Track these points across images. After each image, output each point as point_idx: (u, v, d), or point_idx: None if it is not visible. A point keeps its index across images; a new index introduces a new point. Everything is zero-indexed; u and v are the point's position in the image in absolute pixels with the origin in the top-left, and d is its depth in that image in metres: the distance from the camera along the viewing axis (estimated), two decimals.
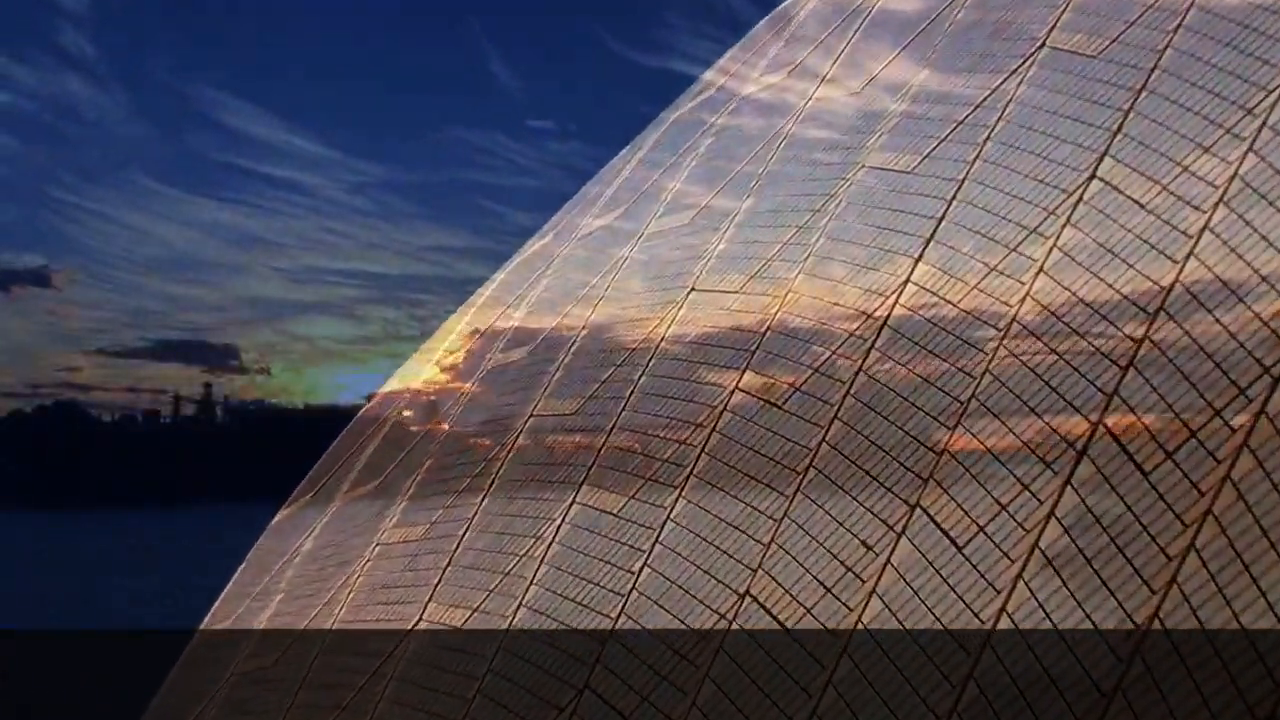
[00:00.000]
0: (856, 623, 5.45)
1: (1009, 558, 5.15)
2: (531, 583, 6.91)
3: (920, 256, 6.37)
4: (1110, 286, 5.55)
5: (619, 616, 6.32)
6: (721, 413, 6.75)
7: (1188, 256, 5.39)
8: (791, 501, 6.03)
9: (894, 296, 6.34)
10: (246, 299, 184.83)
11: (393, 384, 11.30)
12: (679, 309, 7.70)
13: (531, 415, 8.16)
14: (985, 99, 6.80)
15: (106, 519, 78.54)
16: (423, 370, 11.21)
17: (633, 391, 7.45)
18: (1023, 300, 5.79)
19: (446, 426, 9.58)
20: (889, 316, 6.28)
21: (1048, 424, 5.37)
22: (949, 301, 6.11)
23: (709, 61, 9.23)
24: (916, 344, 6.14)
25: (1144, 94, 6.03)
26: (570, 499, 7.16)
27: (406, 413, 10.54)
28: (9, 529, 71.54)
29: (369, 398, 11.30)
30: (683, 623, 6.05)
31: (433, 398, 10.60)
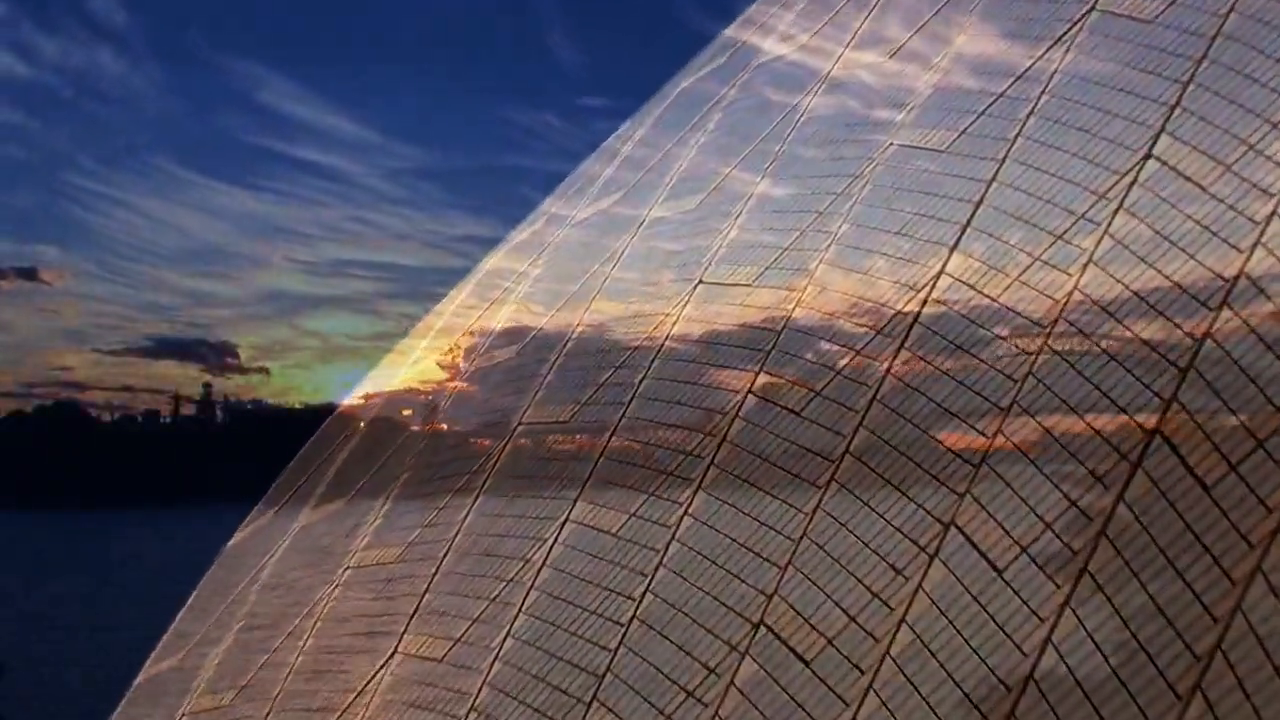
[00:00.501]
0: (884, 655, 5.46)
1: (1054, 582, 5.16)
2: (520, 610, 6.93)
3: (956, 245, 6.38)
4: (1168, 279, 5.56)
5: (618, 648, 6.33)
6: (733, 420, 6.77)
7: (1255, 245, 5.40)
8: (811, 519, 6.05)
9: (926, 290, 6.35)
10: (264, 293, 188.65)
11: (367, 386, 11.33)
12: (685, 304, 7.72)
13: (521, 422, 8.18)
14: (1028, 69, 6.81)
15: (106, 519, 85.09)
16: (398, 371, 11.24)
17: (633, 396, 7.47)
18: (1070, 294, 5.80)
19: (425, 433, 9.60)
20: (920, 313, 6.30)
21: (1098, 433, 5.38)
22: (988, 296, 6.12)
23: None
24: (950, 343, 6.15)
25: (1206, 63, 6.04)
26: (564, 516, 7.17)
27: (380, 417, 10.56)
28: (9, 529, 77.01)
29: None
30: (690, 655, 6.07)
31: (409, 401, 10.62)
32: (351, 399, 11.33)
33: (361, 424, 10.35)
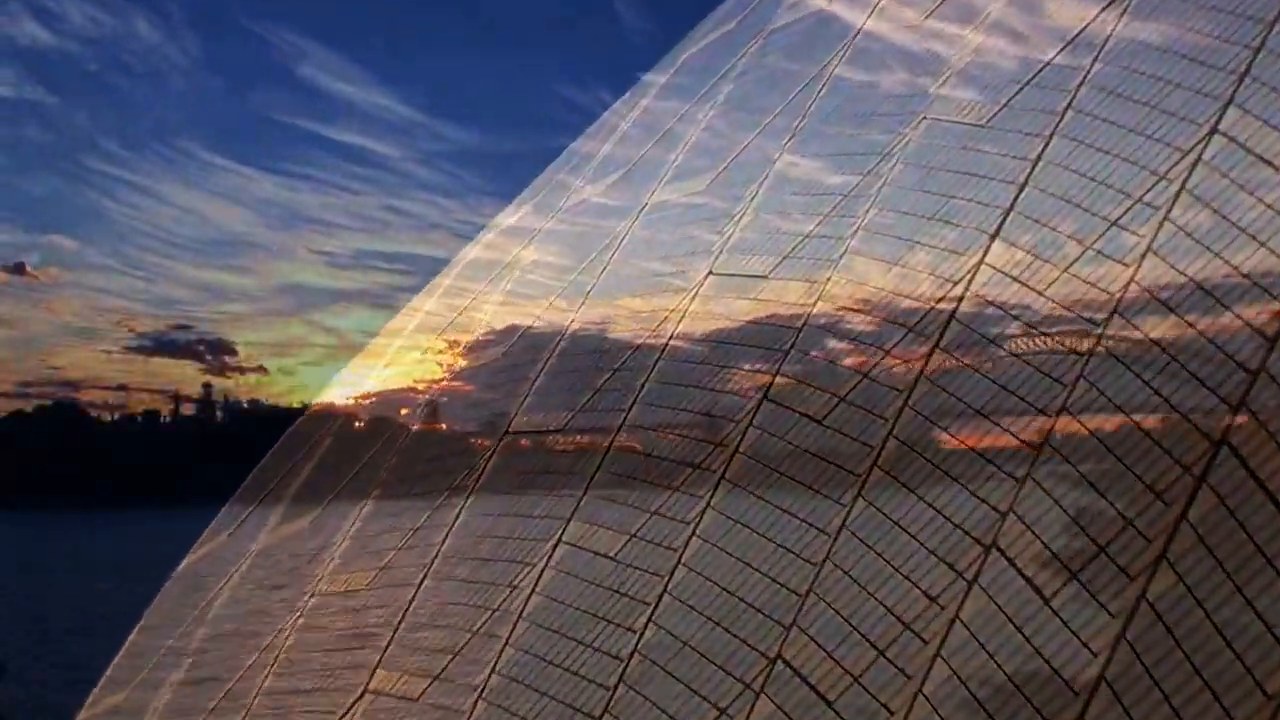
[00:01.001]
0: (916, 695, 5.46)
1: (1108, 612, 5.16)
2: (506, 644, 6.93)
3: (997, 233, 6.38)
4: (1235, 270, 5.55)
5: (617, 686, 6.33)
6: (746, 427, 6.76)
7: None
8: (834, 541, 6.04)
9: (964, 284, 6.35)
10: (280, 287, 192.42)
11: (342, 387, 11.33)
12: (693, 297, 7.72)
13: (509, 430, 8.17)
14: (1078, 34, 6.80)
15: (106, 519, 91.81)
16: (370, 373, 11.24)
17: (635, 400, 7.46)
18: (1125, 287, 5.80)
19: (404, 439, 9.59)
20: (958, 309, 6.29)
21: (1157, 443, 5.37)
22: (1033, 289, 6.11)
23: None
24: (991, 342, 6.15)
25: (1278, 27, 6.03)
26: (557, 535, 7.17)
27: (354, 420, 10.56)
28: (9, 529, 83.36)
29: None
30: (698, 694, 6.07)
31: (385, 402, 10.62)
32: (322, 400, 11.33)
33: (323, 438, 10.33)
